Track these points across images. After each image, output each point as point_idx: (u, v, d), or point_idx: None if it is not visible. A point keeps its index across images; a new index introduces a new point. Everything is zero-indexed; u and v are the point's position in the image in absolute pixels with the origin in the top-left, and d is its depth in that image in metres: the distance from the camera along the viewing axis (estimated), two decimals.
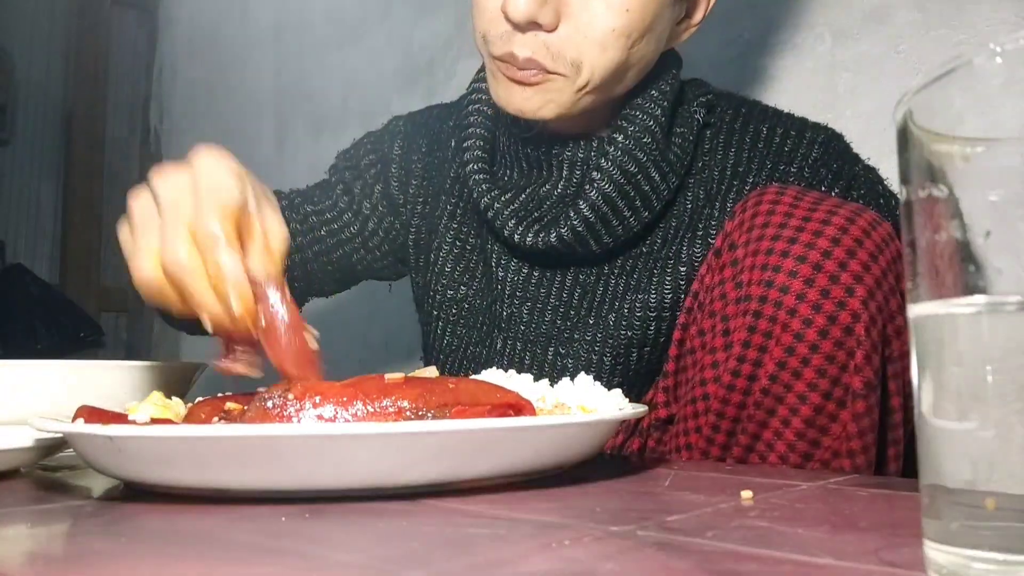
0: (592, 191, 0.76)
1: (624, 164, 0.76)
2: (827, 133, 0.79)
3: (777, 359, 0.58)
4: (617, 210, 0.76)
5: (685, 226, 0.79)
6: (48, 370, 0.62)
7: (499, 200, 0.80)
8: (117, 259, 2.55)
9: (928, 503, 0.25)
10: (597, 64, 0.71)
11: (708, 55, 1.16)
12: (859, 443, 0.59)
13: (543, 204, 0.80)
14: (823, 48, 1.06)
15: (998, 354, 0.24)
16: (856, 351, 0.57)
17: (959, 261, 0.24)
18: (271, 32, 2.11)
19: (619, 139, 0.77)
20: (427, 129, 0.96)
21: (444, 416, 0.43)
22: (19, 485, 0.48)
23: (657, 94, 0.78)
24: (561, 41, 0.71)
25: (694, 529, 0.33)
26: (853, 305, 0.57)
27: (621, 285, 0.79)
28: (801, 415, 0.59)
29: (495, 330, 0.84)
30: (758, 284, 0.59)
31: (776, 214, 0.61)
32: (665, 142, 0.78)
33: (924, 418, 0.25)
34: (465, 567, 0.28)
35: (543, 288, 0.82)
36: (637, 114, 0.77)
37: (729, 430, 0.62)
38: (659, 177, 0.77)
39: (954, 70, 0.24)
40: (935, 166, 0.25)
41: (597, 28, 0.70)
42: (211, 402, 0.49)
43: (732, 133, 0.81)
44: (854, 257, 0.57)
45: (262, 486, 0.40)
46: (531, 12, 0.69)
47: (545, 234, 0.77)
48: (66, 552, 0.33)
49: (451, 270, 0.88)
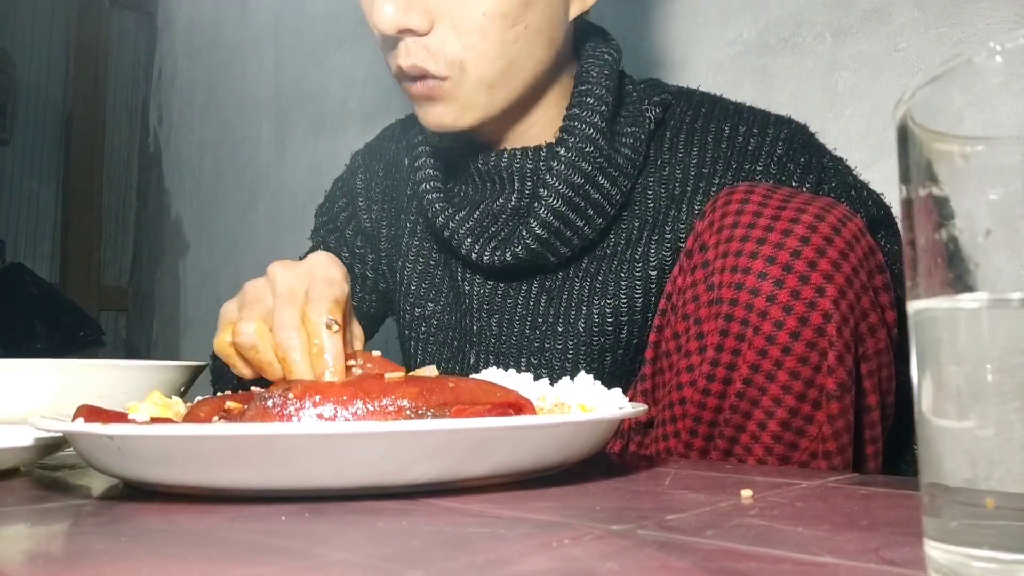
0: (541, 208, 0.75)
1: (570, 177, 0.75)
2: (790, 127, 0.78)
3: (750, 362, 0.58)
4: (569, 222, 0.76)
5: (649, 226, 0.78)
6: (47, 370, 0.62)
7: (454, 219, 0.80)
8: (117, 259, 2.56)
9: (928, 502, 0.25)
10: (481, 55, 0.71)
11: (708, 55, 1.16)
12: (835, 444, 0.58)
13: (498, 219, 0.80)
14: (823, 48, 1.06)
15: (998, 353, 0.24)
16: (828, 352, 0.56)
17: (959, 260, 0.24)
18: (271, 32, 2.11)
19: (561, 152, 0.76)
20: (381, 153, 0.97)
21: (444, 415, 0.43)
22: (19, 484, 0.48)
23: (593, 100, 0.77)
24: (439, 41, 0.71)
25: (694, 528, 0.33)
26: (824, 305, 0.56)
27: (587, 288, 0.78)
28: (776, 418, 0.58)
29: (466, 345, 0.84)
30: (728, 287, 0.59)
31: (745, 213, 0.60)
32: (611, 147, 0.77)
33: (924, 417, 0.25)
34: (465, 567, 0.28)
35: (509, 299, 0.82)
36: (576, 124, 0.76)
37: (707, 434, 0.62)
38: (608, 183, 0.77)
39: (954, 69, 0.24)
40: (935, 165, 0.25)
41: (469, 18, 0.70)
42: (211, 402, 0.49)
43: (693, 132, 0.79)
44: (824, 256, 0.57)
45: (262, 486, 0.40)
46: (397, 20, 0.70)
47: (501, 252, 0.78)
48: (66, 552, 0.33)
49: (416, 288, 0.88)
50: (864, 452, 0.62)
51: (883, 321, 0.61)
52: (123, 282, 2.78)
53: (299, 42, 2.02)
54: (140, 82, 2.76)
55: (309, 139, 1.95)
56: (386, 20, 0.70)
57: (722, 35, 1.15)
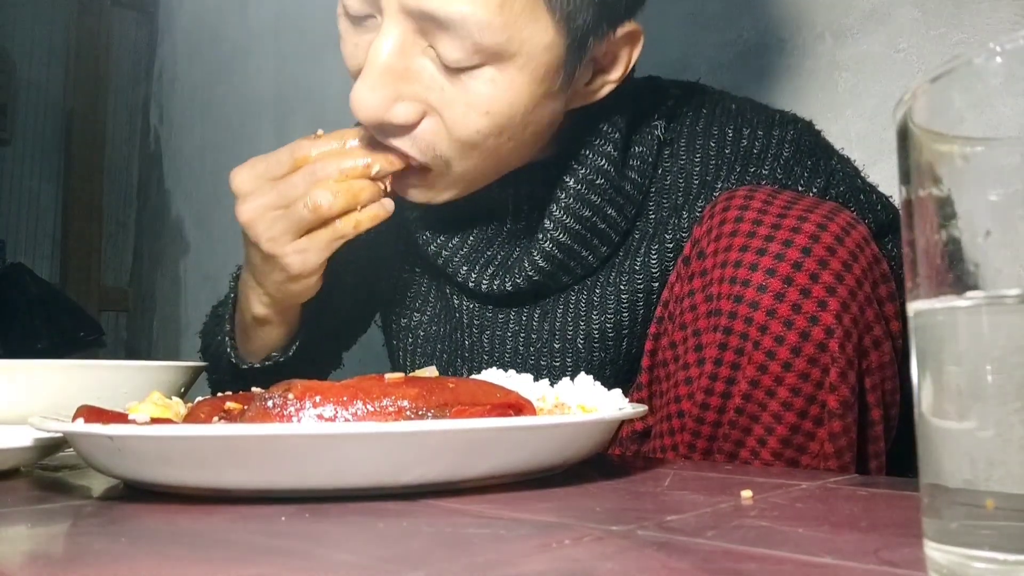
0: (546, 241, 0.71)
1: (579, 211, 0.70)
2: (796, 128, 0.73)
3: (749, 378, 0.56)
4: (574, 253, 0.72)
5: (649, 236, 0.73)
6: (48, 370, 0.62)
7: (446, 247, 0.76)
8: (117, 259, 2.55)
9: (928, 503, 0.25)
10: (468, 162, 0.65)
11: (708, 55, 1.16)
12: (836, 463, 0.57)
13: (493, 242, 0.76)
14: (823, 48, 1.06)
15: (998, 353, 0.23)
16: (831, 368, 0.54)
17: (959, 260, 0.24)
18: (271, 32, 2.11)
19: (570, 183, 0.70)
20: None
21: (444, 416, 0.43)
22: (19, 485, 0.48)
23: (608, 127, 0.71)
24: (428, 135, 0.63)
25: (694, 529, 0.33)
26: (826, 320, 0.54)
27: (583, 303, 0.74)
28: (777, 435, 0.57)
29: (458, 359, 0.80)
30: (728, 299, 0.57)
31: (745, 221, 0.58)
32: (620, 175, 0.71)
33: (924, 418, 0.25)
34: (465, 567, 0.28)
35: (501, 315, 0.77)
36: (588, 153, 0.70)
37: (705, 449, 0.60)
38: (616, 212, 0.72)
39: (954, 70, 0.24)
40: (935, 166, 0.25)
41: (460, 130, 0.62)
42: (211, 402, 0.49)
43: (695, 137, 0.74)
44: (827, 267, 0.55)
45: (262, 486, 0.40)
46: (378, 115, 0.61)
47: (500, 281, 0.73)
48: (66, 552, 0.33)
49: (400, 297, 0.84)
50: (867, 466, 0.61)
51: (888, 333, 0.59)
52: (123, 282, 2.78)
53: (299, 42, 2.02)
54: (140, 82, 2.76)
55: None
56: (367, 109, 0.61)
57: (722, 35, 1.15)
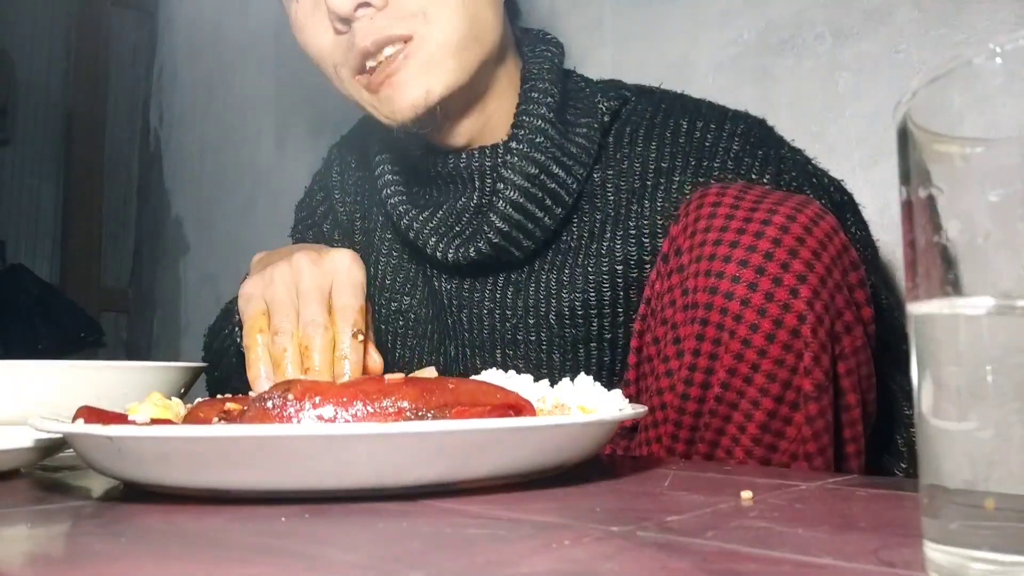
0: (500, 202, 0.77)
1: (525, 168, 0.77)
2: (747, 122, 0.79)
3: (727, 366, 0.58)
4: (528, 213, 0.77)
5: (611, 220, 0.78)
6: (48, 370, 0.62)
7: (417, 220, 0.81)
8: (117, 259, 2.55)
9: (927, 503, 0.25)
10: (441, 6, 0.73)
11: (708, 55, 1.16)
12: (815, 445, 0.58)
13: (461, 217, 0.82)
14: (823, 48, 1.06)
15: (998, 353, 0.24)
16: (804, 353, 0.56)
17: (958, 261, 0.24)
18: (271, 32, 2.11)
19: (514, 146, 0.78)
20: (353, 145, 0.97)
21: (444, 416, 0.43)
22: (19, 485, 0.48)
23: (539, 94, 0.79)
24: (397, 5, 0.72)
25: (694, 529, 0.33)
26: (798, 307, 0.56)
27: (553, 281, 0.79)
28: (756, 420, 0.58)
29: (446, 339, 0.85)
30: (703, 291, 0.59)
31: (717, 216, 0.60)
32: (563, 137, 0.79)
33: (924, 418, 0.25)
34: (465, 567, 0.28)
35: (476, 293, 0.83)
36: (525, 119, 0.78)
37: (688, 438, 0.62)
38: (563, 172, 0.78)
39: (953, 70, 0.24)
40: (935, 166, 0.25)
41: None
42: (211, 402, 0.49)
43: (652, 127, 0.80)
44: (796, 256, 0.57)
45: (262, 486, 0.40)
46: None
47: (464, 249, 0.78)
48: (66, 552, 0.33)
49: (391, 282, 0.88)
50: (845, 451, 0.62)
51: (859, 318, 0.61)
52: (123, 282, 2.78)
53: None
54: (140, 82, 2.76)
55: (309, 139, 1.95)
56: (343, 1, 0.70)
57: (722, 36, 1.15)
